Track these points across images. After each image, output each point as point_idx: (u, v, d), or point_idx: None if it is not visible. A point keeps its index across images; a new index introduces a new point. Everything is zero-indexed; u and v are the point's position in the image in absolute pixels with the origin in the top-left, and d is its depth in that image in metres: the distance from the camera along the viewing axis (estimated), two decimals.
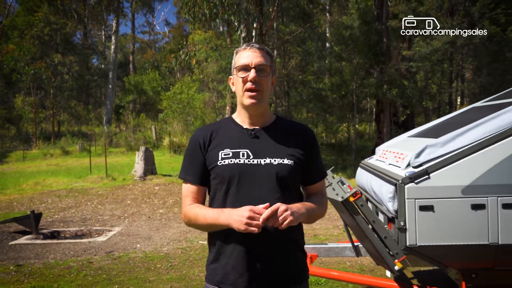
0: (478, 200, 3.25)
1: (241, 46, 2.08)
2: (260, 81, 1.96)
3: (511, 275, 3.45)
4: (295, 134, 2.06)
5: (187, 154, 2.09)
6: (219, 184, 1.97)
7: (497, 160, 3.27)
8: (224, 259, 1.97)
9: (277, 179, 1.92)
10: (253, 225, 1.77)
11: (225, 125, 2.09)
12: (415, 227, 3.28)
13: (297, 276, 2.00)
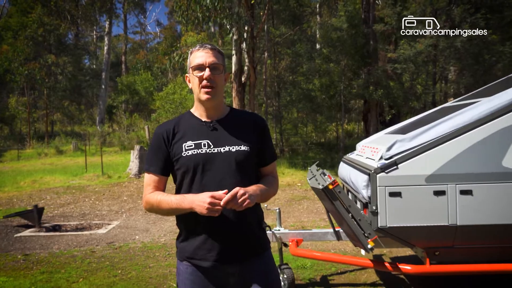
0: (439, 187, 3.76)
1: (195, 47, 2.29)
2: (214, 78, 2.19)
3: (468, 252, 3.97)
4: (249, 122, 2.31)
5: (151, 148, 2.30)
6: (185, 173, 2.18)
7: (455, 153, 3.79)
8: (192, 238, 2.20)
9: (236, 164, 2.17)
10: (214, 209, 1.99)
11: (185, 119, 2.31)
12: (385, 210, 3.79)
13: (257, 249, 2.27)
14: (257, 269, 2.25)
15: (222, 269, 2.19)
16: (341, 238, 4.92)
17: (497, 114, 3.82)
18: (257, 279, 2.22)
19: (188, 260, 2.22)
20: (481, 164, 3.77)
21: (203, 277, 2.20)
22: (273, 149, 2.43)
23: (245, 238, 2.21)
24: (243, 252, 2.21)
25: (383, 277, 5.25)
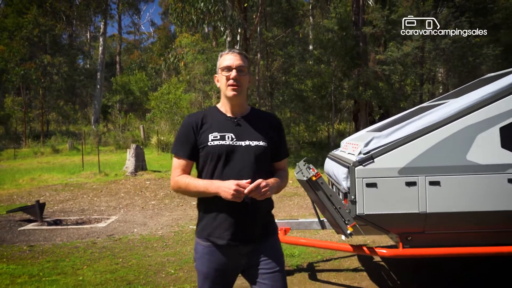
0: (410, 178, 4.21)
1: (224, 51, 2.60)
2: (240, 79, 2.48)
3: (438, 237, 4.42)
4: (268, 122, 2.62)
5: (180, 134, 2.56)
6: (209, 160, 2.46)
7: (425, 148, 4.24)
8: (212, 219, 2.47)
9: (254, 157, 2.46)
10: (238, 196, 2.27)
11: (212, 113, 2.58)
12: (362, 200, 4.23)
13: (267, 233, 2.57)
14: (265, 252, 2.52)
15: (235, 249, 2.47)
16: (325, 227, 5.36)
17: (461, 114, 4.28)
18: (265, 261, 2.50)
19: (207, 238, 2.49)
20: (448, 158, 4.22)
21: (218, 255, 2.48)
22: (286, 146, 2.75)
23: (258, 222, 2.51)
24: (256, 234, 2.50)
25: (365, 263, 5.71)
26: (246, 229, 2.45)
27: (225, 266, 2.49)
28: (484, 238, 4.42)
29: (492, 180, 4.17)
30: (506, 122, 4.22)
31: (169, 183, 13.26)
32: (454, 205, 4.19)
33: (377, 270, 5.46)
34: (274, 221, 2.66)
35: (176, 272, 5.53)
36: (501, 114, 4.24)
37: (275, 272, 2.50)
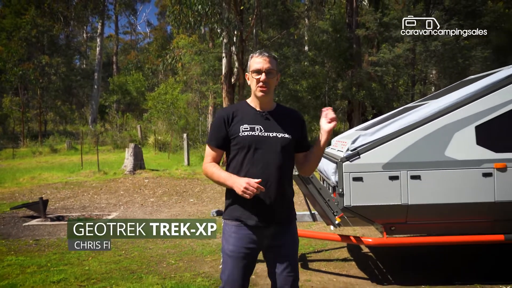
0: (393, 173, 4.58)
1: (255, 53, 2.85)
2: (268, 81, 2.76)
3: (419, 227, 4.80)
4: (291, 117, 2.92)
5: (213, 126, 2.88)
6: (240, 149, 2.76)
7: (407, 145, 4.61)
8: (242, 203, 2.76)
9: (280, 147, 2.76)
10: (247, 193, 2.58)
11: (243, 107, 2.88)
12: (349, 192, 4.59)
13: (288, 219, 2.87)
14: (286, 236, 2.83)
15: (261, 230, 2.77)
16: (316, 219, 5.73)
17: (440, 113, 4.65)
18: (285, 244, 2.82)
19: (237, 219, 2.79)
20: (428, 154, 4.59)
21: (245, 235, 2.77)
22: (308, 139, 3.04)
23: (281, 208, 2.81)
24: (279, 218, 2.80)
25: (353, 254, 6.08)
26: (273, 212, 2.76)
27: (249, 245, 2.78)
28: (461, 228, 4.80)
29: (468, 174, 4.55)
30: (481, 121, 4.60)
31: (166, 181, 13.62)
32: (433, 198, 4.57)
33: (365, 260, 5.82)
34: (294, 208, 2.96)
35: (177, 262, 5.88)
36: (477, 114, 4.62)
37: (290, 256, 2.84)
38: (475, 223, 4.74)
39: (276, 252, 2.82)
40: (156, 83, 37.95)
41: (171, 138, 21.53)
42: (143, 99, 33.26)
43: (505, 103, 4.62)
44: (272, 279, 2.86)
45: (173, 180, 13.84)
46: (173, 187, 12.67)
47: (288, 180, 2.86)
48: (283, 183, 2.78)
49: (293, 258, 2.85)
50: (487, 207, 4.56)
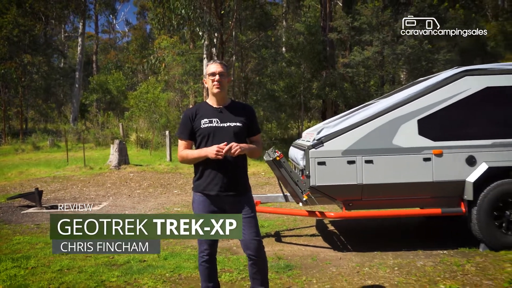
0: (351, 158, 5.55)
1: (211, 61, 3.82)
2: (221, 80, 3.54)
3: (372, 203, 5.77)
4: (243, 109, 3.67)
5: (181, 122, 3.65)
6: (203, 138, 3.52)
7: (362, 135, 5.58)
8: (204, 177, 3.53)
9: (233, 133, 3.50)
10: (219, 154, 3.35)
11: (203, 106, 3.66)
12: (315, 174, 5.54)
13: (243, 189, 3.61)
14: (243, 202, 3.57)
15: (222, 198, 3.51)
16: (288, 200, 6.66)
17: (389, 109, 5.64)
18: (243, 209, 3.53)
19: (201, 191, 3.56)
20: (379, 142, 5.57)
21: (210, 202, 3.53)
22: (258, 126, 3.77)
23: (237, 178, 3.55)
24: (236, 185, 3.54)
25: (320, 231, 7.04)
26: (230, 183, 3.52)
27: (213, 209, 3.59)
28: (407, 203, 5.81)
29: (412, 159, 5.55)
30: (422, 116, 5.61)
31: (151, 175, 14.41)
32: (383, 178, 5.55)
33: (330, 235, 6.79)
34: (248, 181, 3.71)
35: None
36: (418, 110, 5.63)
37: (251, 217, 3.63)
38: (418, 199, 5.75)
39: None
40: (136, 82, 38.55)
41: (152, 135, 22.24)
42: (123, 98, 33.82)
43: (441, 101, 5.63)
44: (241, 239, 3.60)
45: (157, 174, 14.64)
46: (157, 180, 13.48)
47: (242, 158, 3.59)
48: (237, 160, 3.51)
49: (252, 219, 3.61)
50: (427, 186, 5.57)
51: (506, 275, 4.50)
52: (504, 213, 5.54)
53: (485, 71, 5.80)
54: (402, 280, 4.50)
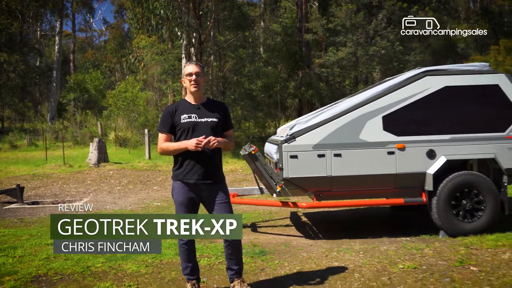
0: (321, 152, 5.97)
1: (188, 63, 4.46)
2: (198, 80, 3.91)
3: (340, 194, 6.21)
4: (218, 106, 4.06)
5: (162, 118, 3.99)
6: (182, 131, 3.87)
7: (331, 130, 6.00)
8: (183, 167, 3.89)
9: (210, 128, 3.86)
10: (198, 146, 3.70)
11: (182, 103, 4.00)
12: (287, 167, 5.95)
13: (218, 177, 4.00)
14: (218, 189, 3.96)
15: (199, 186, 3.89)
16: (263, 192, 7.07)
17: (356, 107, 6.09)
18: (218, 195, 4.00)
19: (181, 180, 3.93)
20: (347, 137, 6.01)
21: (188, 190, 3.90)
22: (231, 121, 4.18)
23: (213, 168, 3.94)
24: (212, 175, 3.92)
25: (294, 222, 7.47)
26: (205, 172, 3.94)
27: (192, 196, 3.98)
28: (372, 194, 6.27)
29: (376, 152, 6.00)
30: (387, 113, 6.06)
31: (130, 172, 14.65)
32: (351, 170, 5.99)
33: (303, 226, 7.21)
34: (222, 171, 4.17)
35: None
36: (383, 107, 6.08)
37: (225, 202, 4.03)
38: (383, 190, 6.20)
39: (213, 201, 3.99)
40: (114, 81, 38.52)
41: (131, 134, 22.41)
42: (101, 97, 33.80)
43: (404, 99, 6.09)
44: None
45: (137, 171, 14.90)
46: (137, 177, 13.75)
47: (218, 151, 3.99)
48: (213, 152, 3.91)
49: (226, 205, 4.00)
50: (391, 178, 6.03)
51: (459, 257, 4.97)
52: (460, 203, 6.02)
53: (444, 72, 6.30)
54: (366, 262, 4.93)
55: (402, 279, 4.38)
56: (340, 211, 8.29)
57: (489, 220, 5.99)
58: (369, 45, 16.31)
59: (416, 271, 4.60)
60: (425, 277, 4.41)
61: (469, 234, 5.91)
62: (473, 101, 6.22)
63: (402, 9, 16.65)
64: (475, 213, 6.04)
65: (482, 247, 5.37)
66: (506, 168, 6.05)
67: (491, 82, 6.18)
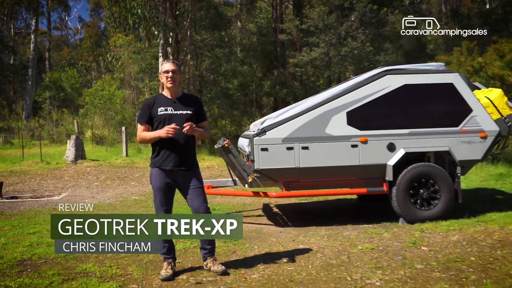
0: (290, 145, 6.40)
1: (165, 61, 4.66)
2: (174, 77, 4.30)
3: (308, 184, 6.65)
4: (193, 100, 4.49)
5: (141, 110, 4.39)
6: (159, 123, 4.26)
7: (299, 125, 6.44)
8: (160, 155, 4.30)
9: (185, 119, 4.24)
10: (169, 133, 4.09)
11: (159, 97, 4.42)
12: (258, 159, 6.37)
13: (193, 165, 4.46)
14: (192, 176, 4.38)
15: (175, 172, 4.30)
16: (236, 184, 7.48)
17: (322, 103, 6.54)
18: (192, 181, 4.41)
19: (158, 167, 4.33)
20: (314, 131, 6.45)
21: (165, 176, 4.31)
22: (205, 114, 4.59)
23: (188, 156, 4.35)
24: (186, 162, 4.34)
25: (266, 212, 7.89)
26: (180, 160, 4.35)
27: (168, 181, 4.38)
28: (337, 184, 6.73)
29: (341, 145, 6.47)
30: (350, 108, 6.53)
31: (107, 169, 14.87)
32: (317, 162, 6.44)
33: (274, 216, 7.64)
34: (196, 159, 4.60)
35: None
36: (347, 103, 6.55)
37: (199, 187, 4.46)
38: (347, 180, 6.68)
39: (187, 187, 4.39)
40: (90, 80, 38.42)
41: (108, 132, 22.55)
42: (78, 96, 33.72)
43: (366, 96, 6.57)
44: (192, 206, 4.43)
45: (114, 168, 15.13)
46: (114, 173, 13.99)
47: (192, 140, 4.41)
48: (188, 141, 4.33)
49: (200, 190, 4.42)
50: (354, 169, 6.50)
51: (413, 239, 5.46)
52: (418, 192, 6.53)
53: (404, 71, 6.82)
54: (329, 244, 5.39)
55: (360, 257, 4.83)
56: (310, 203, 8.76)
57: (444, 208, 6.51)
58: (341, 45, 16.89)
59: (373, 251, 5.07)
60: (380, 255, 4.88)
61: (425, 221, 6.42)
62: (430, 98, 6.73)
63: (372, 11, 17.30)
64: (431, 202, 6.56)
65: (435, 231, 5.89)
66: (459, 160, 6.59)
67: (446, 81, 6.71)
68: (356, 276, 4.22)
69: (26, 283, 4.23)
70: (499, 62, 10.96)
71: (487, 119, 6.67)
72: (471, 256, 4.72)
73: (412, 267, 4.45)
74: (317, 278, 4.23)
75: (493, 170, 11.34)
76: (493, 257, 4.65)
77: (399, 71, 6.81)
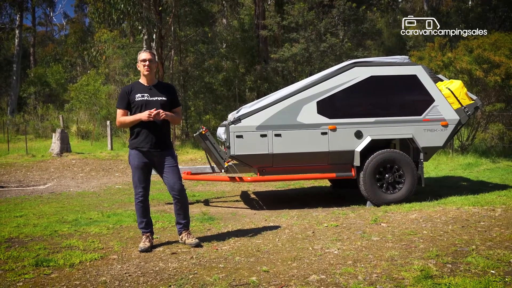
0: (263, 132, 6.82)
1: (141, 50, 5.10)
2: (150, 65, 4.67)
3: (281, 169, 7.08)
4: (167, 87, 4.86)
5: (120, 96, 4.74)
6: (137, 108, 4.63)
7: (272, 113, 6.86)
8: (138, 137, 4.64)
9: (160, 105, 4.62)
10: (150, 117, 4.47)
11: (136, 84, 4.76)
12: (234, 145, 6.77)
13: (167, 146, 4.86)
14: (167, 155, 4.77)
15: (151, 152, 4.67)
16: (215, 171, 7.88)
17: (294, 93, 6.97)
18: (167, 160, 4.79)
19: (136, 148, 4.69)
20: (286, 119, 6.88)
21: (142, 156, 4.70)
22: (178, 100, 4.95)
23: (162, 138, 4.71)
24: (161, 144, 4.70)
25: (243, 198, 8.30)
26: (156, 142, 4.74)
27: (145, 160, 4.76)
28: (309, 169, 7.17)
29: (311, 133, 6.90)
30: (320, 98, 6.97)
31: (92, 161, 15.16)
32: (289, 148, 6.87)
33: (250, 201, 8.06)
34: (170, 140, 5.00)
35: (109, 206, 7.76)
36: (318, 93, 6.99)
37: (173, 166, 4.84)
38: (317, 166, 7.12)
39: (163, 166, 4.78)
40: (75, 75, 38.46)
41: (93, 127, 22.77)
42: (63, 91, 33.80)
43: (335, 86, 7.01)
44: (167, 183, 4.81)
45: (99, 160, 15.42)
46: (99, 165, 14.30)
47: (166, 124, 4.81)
48: (162, 124, 4.72)
49: (175, 168, 4.79)
50: (324, 155, 6.95)
51: (375, 218, 5.91)
52: (384, 176, 7.00)
53: (370, 63, 7.27)
54: (297, 223, 5.82)
55: (324, 233, 5.27)
56: (286, 190, 9.20)
57: (408, 191, 6.99)
58: (320, 41, 17.35)
59: (337, 228, 5.51)
60: (342, 231, 5.32)
61: (390, 204, 6.90)
62: (395, 89, 7.20)
63: (351, 8, 17.79)
64: (396, 186, 7.03)
65: (397, 211, 6.35)
66: (422, 147, 7.07)
67: (410, 73, 7.18)
68: (317, 247, 4.65)
69: (14, 255, 4.58)
70: (467, 57, 11.46)
71: (448, 109, 7.15)
72: (424, 230, 5.18)
73: (369, 239, 4.89)
74: (282, 248, 4.65)
75: (462, 160, 11.88)
76: (443, 231, 5.11)
77: (366, 63, 7.26)
